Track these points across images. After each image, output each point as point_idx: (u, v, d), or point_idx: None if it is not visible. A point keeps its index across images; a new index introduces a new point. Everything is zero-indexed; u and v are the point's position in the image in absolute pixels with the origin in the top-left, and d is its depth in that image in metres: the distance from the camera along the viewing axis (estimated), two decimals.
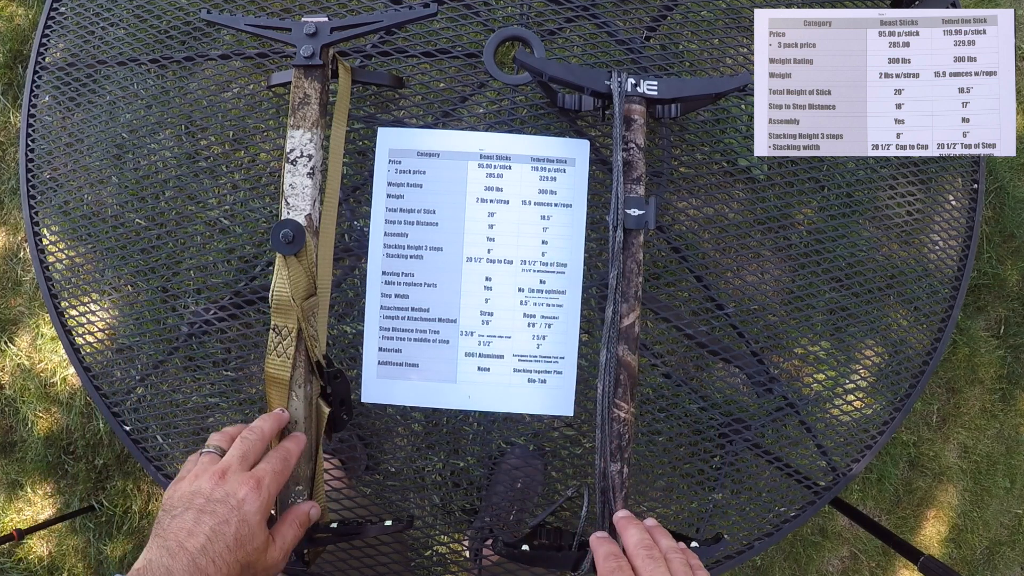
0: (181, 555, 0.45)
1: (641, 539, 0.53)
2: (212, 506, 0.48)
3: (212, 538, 0.46)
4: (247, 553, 0.48)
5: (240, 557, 0.47)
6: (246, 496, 0.49)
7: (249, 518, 0.48)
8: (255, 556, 0.49)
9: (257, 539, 0.49)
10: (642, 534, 0.54)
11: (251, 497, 0.49)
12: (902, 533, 1.45)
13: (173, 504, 0.48)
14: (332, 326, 0.77)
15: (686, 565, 0.51)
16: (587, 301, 0.73)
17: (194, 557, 0.45)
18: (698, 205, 0.81)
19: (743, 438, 0.78)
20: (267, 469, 0.51)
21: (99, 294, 0.81)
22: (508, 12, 0.82)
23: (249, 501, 0.49)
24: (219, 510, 0.47)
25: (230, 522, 0.47)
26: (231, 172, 0.83)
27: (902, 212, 0.82)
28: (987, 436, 1.50)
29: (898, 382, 0.80)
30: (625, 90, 0.65)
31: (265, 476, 0.51)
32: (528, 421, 0.81)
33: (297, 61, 0.63)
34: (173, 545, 0.45)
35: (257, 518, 0.49)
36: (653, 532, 0.55)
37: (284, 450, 0.54)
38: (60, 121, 0.83)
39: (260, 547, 0.49)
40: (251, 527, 0.48)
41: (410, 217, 0.72)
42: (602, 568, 0.52)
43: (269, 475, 0.51)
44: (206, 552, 0.45)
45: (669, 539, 0.55)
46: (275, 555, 0.51)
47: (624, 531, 0.55)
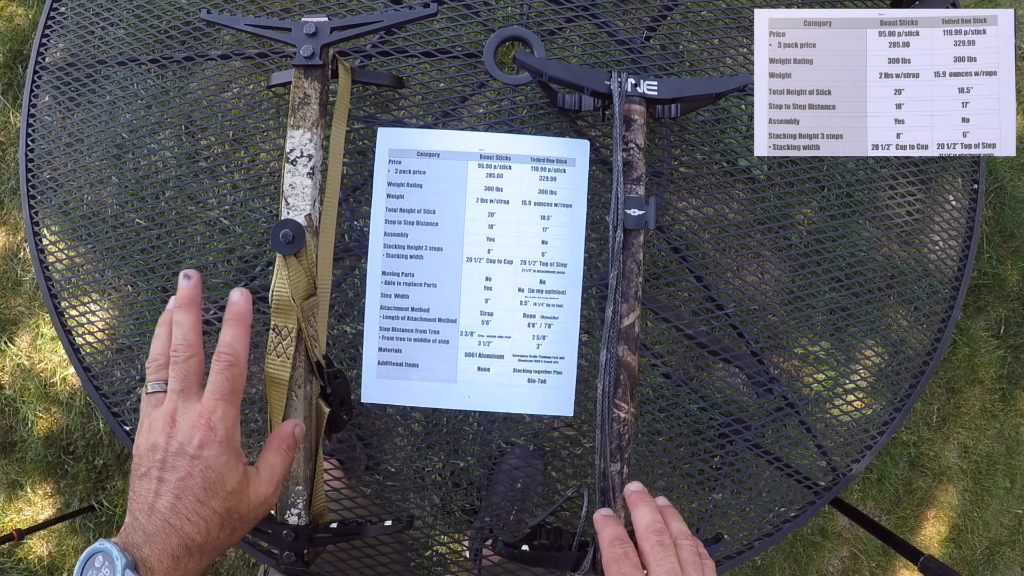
0: (153, 517, 0.43)
1: (652, 521, 0.50)
2: (172, 460, 0.45)
3: (180, 495, 0.44)
4: (222, 499, 0.45)
5: (216, 506, 0.45)
6: (202, 440, 0.45)
7: (212, 462, 0.45)
8: (233, 501, 0.46)
9: (229, 481, 0.45)
10: (654, 515, 0.51)
11: (207, 439, 0.45)
12: (902, 533, 1.45)
13: (139, 463, 0.46)
14: (332, 326, 0.77)
15: (696, 555, 0.48)
16: (587, 301, 0.73)
17: (166, 517, 0.43)
18: (698, 205, 0.81)
19: (743, 438, 0.78)
20: (213, 399, 0.46)
21: (99, 294, 0.81)
22: (508, 12, 0.82)
23: (207, 445, 0.45)
24: (179, 463, 0.44)
25: (193, 475, 0.44)
26: (231, 172, 0.83)
27: (902, 212, 0.82)
28: (987, 436, 1.50)
29: (898, 382, 0.80)
30: (625, 90, 0.65)
31: (215, 408, 0.46)
32: (528, 421, 0.81)
33: (297, 61, 0.63)
34: (144, 507, 0.44)
35: (221, 460, 0.45)
36: (665, 513, 0.52)
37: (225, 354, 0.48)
38: (60, 121, 0.83)
39: (237, 488, 0.46)
40: (217, 471, 0.45)
41: (410, 217, 0.72)
42: (607, 553, 0.49)
43: (219, 405, 0.46)
44: (176, 511, 0.43)
45: (681, 523, 0.51)
46: (262, 489, 0.48)
47: (635, 508, 0.52)
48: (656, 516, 0.51)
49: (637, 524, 0.51)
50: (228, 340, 0.49)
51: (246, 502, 0.47)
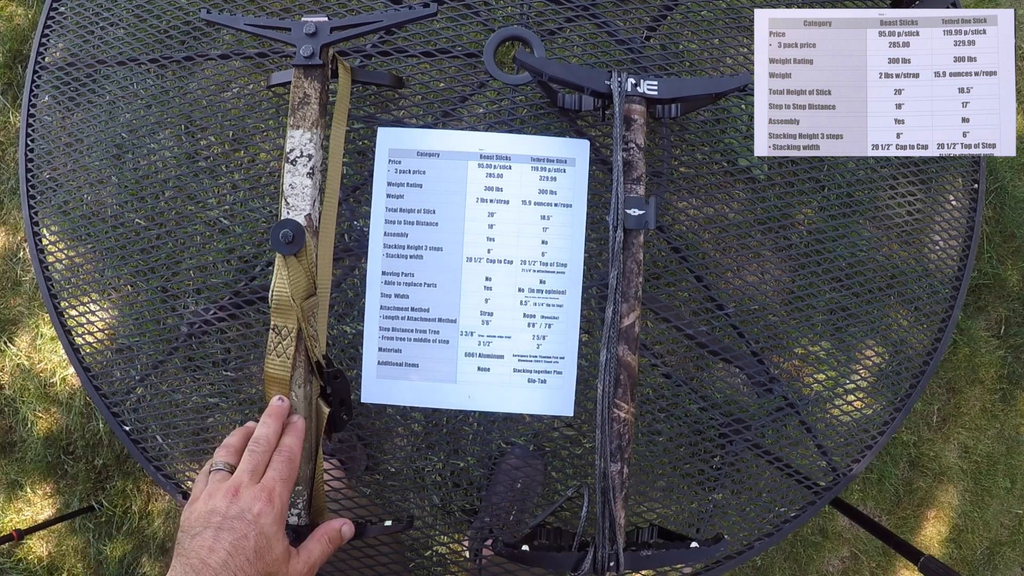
0: (204, 571, 0.46)
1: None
2: (229, 523, 0.49)
3: (232, 553, 0.48)
4: (267, 564, 0.49)
5: (260, 568, 0.49)
6: (261, 510, 0.50)
7: (266, 530, 0.50)
8: (275, 567, 0.50)
9: (275, 549, 0.50)
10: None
11: (266, 510, 0.50)
12: (902, 533, 1.45)
13: (191, 524, 0.50)
14: (332, 326, 0.77)
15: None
16: (587, 301, 0.73)
17: (216, 572, 0.47)
18: (698, 205, 0.81)
19: (743, 438, 0.78)
20: (275, 478, 0.53)
21: (99, 294, 0.81)
22: (508, 12, 0.82)
23: (264, 514, 0.50)
24: (236, 526, 0.49)
25: (248, 536, 0.49)
26: (231, 172, 0.83)
27: (902, 212, 0.81)
28: (987, 436, 1.50)
29: (898, 382, 0.80)
30: (625, 90, 0.65)
31: (275, 486, 0.52)
32: (528, 421, 0.80)
33: (297, 61, 0.63)
34: (196, 562, 0.47)
35: (274, 529, 0.50)
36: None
37: (287, 451, 0.55)
38: (60, 121, 0.83)
39: (280, 557, 0.50)
40: (268, 538, 0.50)
41: (410, 217, 0.72)
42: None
43: (279, 484, 0.53)
44: (227, 566, 0.47)
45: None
46: (299, 568, 0.52)
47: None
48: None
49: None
50: (288, 444, 0.56)
51: (284, 573, 0.51)
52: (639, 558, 0.61)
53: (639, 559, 0.61)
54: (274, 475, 0.53)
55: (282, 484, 0.53)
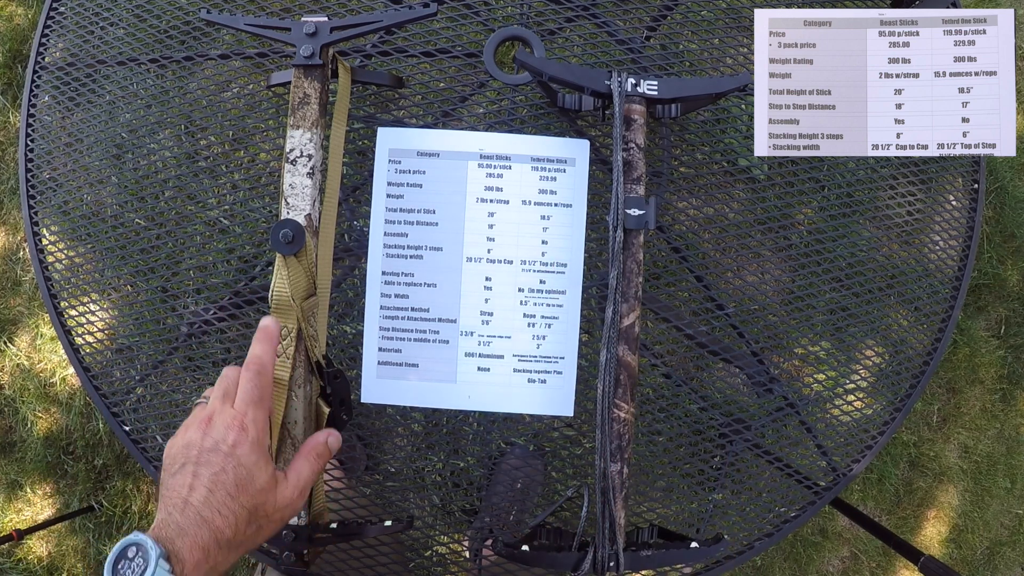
0: (187, 510, 0.45)
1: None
2: (206, 456, 0.47)
3: (213, 489, 0.46)
4: (251, 496, 0.47)
5: (245, 502, 0.47)
6: (235, 440, 0.48)
7: (244, 460, 0.47)
8: (261, 498, 0.48)
9: (258, 479, 0.48)
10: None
11: (240, 439, 0.48)
12: (902, 533, 1.45)
13: (171, 461, 0.48)
14: (332, 326, 0.76)
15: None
16: (587, 301, 0.73)
17: (199, 511, 0.45)
18: (698, 205, 0.81)
19: (743, 438, 0.78)
20: (244, 401, 0.50)
21: (99, 294, 0.81)
22: (508, 12, 0.82)
23: (239, 444, 0.48)
24: (213, 459, 0.47)
25: (227, 470, 0.47)
26: (231, 172, 0.83)
27: (902, 212, 0.81)
28: (987, 436, 1.50)
29: (898, 382, 0.80)
30: (625, 90, 0.65)
31: (246, 410, 0.49)
32: (528, 421, 0.80)
33: (297, 61, 0.63)
34: (178, 502, 0.45)
35: (252, 458, 0.48)
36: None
37: (254, 364, 0.51)
38: (60, 121, 0.83)
39: (264, 487, 0.48)
40: (248, 469, 0.47)
41: (410, 217, 0.72)
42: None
43: (249, 408, 0.49)
44: (209, 504, 0.45)
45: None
46: (287, 493, 0.50)
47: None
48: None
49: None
50: (256, 353, 0.52)
51: (272, 502, 0.48)
52: (639, 558, 0.61)
53: (639, 559, 0.61)
54: (242, 397, 0.50)
55: (253, 407, 0.49)
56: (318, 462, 0.53)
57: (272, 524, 0.49)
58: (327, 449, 0.54)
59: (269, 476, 0.49)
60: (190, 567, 0.43)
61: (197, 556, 0.44)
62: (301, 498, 0.51)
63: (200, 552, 0.44)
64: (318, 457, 0.53)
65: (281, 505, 0.49)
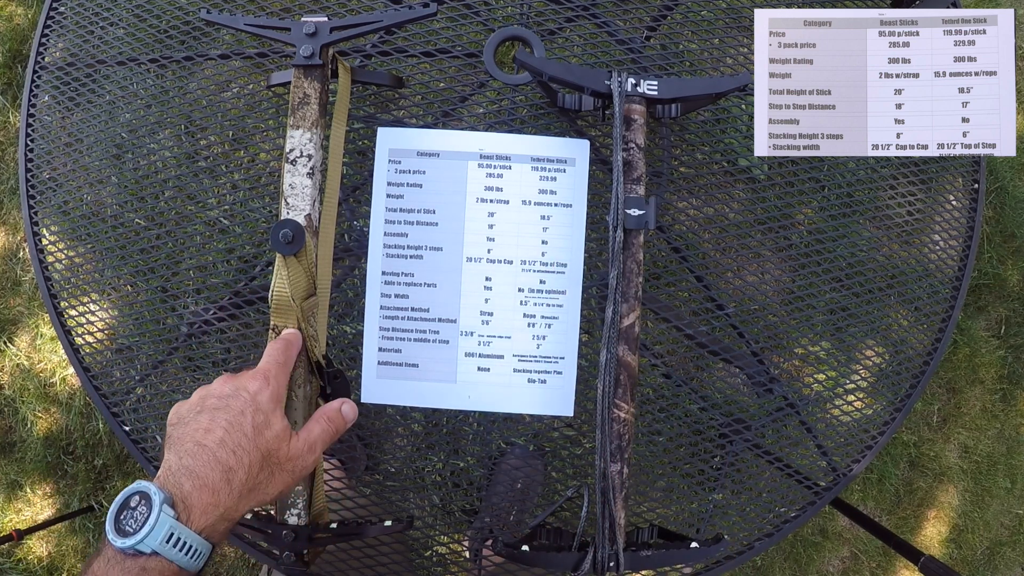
0: (200, 453, 0.44)
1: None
2: (225, 402, 0.47)
3: (229, 430, 0.46)
4: (267, 441, 0.47)
5: (260, 444, 0.46)
6: (258, 388, 0.48)
7: (263, 406, 0.48)
8: (275, 444, 0.48)
9: (274, 426, 0.48)
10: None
11: (262, 388, 0.49)
12: (903, 533, 1.45)
13: (181, 416, 0.48)
14: (332, 326, 0.76)
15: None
16: (587, 301, 0.73)
17: (214, 451, 0.44)
18: (698, 205, 0.81)
19: (743, 438, 0.78)
20: (270, 362, 0.51)
21: (98, 294, 0.81)
22: (508, 12, 0.82)
23: (261, 391, 0.48)
24: (232, 404, 0.47)
25: (245, 413, 0.47)
26: (231, 172, 0.83)
27: (903, 212, 0.81)
28: (988, 436, 1.50)
29: (899, 382, 0.80)
30: (625, 90, 0.65)
31: (271, 368, 0.50)
32: (528, 421, 0.80)
33: (297, 61, 0.63)
34: (191, 446, 0.45)
35: (271, 406, 0.48)
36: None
37: (282, 341, 0.54)
38: (59, 121, 0.83)
39: (279, 435, 0.48)
40: (266, 415, 0.48)
41: (410, 217, 0.72)
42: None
43: (274, 367, 0.51)
44: (225, 444, 0.45)
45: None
46: (299, 446, 0.50)
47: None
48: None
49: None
50: (285, 335, 0.55)
51: (285, 451, 0.49)
52: (639, 558, 0.61)
53: (639, 559, 0.61)
54: (268, 359, 0.51)
55: (277, 367, 0.51)
56: (330, 426, 0.53)
57: (283, 474, 0.49)
58: (340, 416, 0.54)
59: (284, 427, 0.49)
60: (198, 511, 0.43)
61: (206, 499, 0.43)
62: (311, 455, 0.51)
63: (210, 495, 0.43)
64: (329, 421, 0.53)
65: (293, 455, 0.49)
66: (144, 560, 0.41)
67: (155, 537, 0.41)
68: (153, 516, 0.40)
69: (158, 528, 0.41)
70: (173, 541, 0.41)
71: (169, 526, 0.41)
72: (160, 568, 0.41)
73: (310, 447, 0.51)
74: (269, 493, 0.48)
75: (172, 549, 0.41)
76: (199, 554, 0.43)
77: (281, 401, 0.50)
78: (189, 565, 0.42)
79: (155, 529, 0.41)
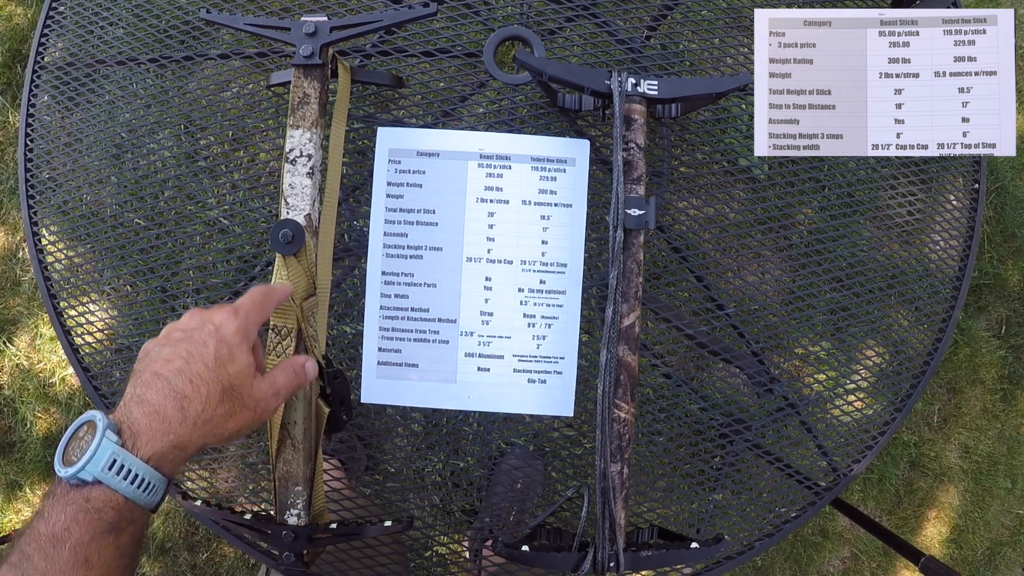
0: (155, 382, 0.42)
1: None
2: (189, 334, 0.45)
3: (189, 360, 0.44)
4: (229, 375, 0.45)
5: (221, 376, 0.44)
6: (223, 320, 0.46)
7: (228, 338, 0.45)
8: (238, 380, 0.45)
9: (239, 360, 0.45)
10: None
11: (228, 320, 0.46)
12: (903, 534, 1.45)
13: (147, 351, 0.46)
14: (332, 326, 0.76)
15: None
16: (587, 301, 0.73)
17: (169, 380, 0.42)
18: (698, 205, 0.81)
19: (744, 438, 0.78)
20: (245, 300, 0.49)
21: (98, 294, 0.81)
22: (508, 11, 0.82)
23: (226, 324, 0.46)
24: (196, 336, 0.45)
25: (208, 344, 0.44)
26: (230, 172, 0.83)
27: (903, 212, 0.81)
28: (988, 436, 1.50)
29: (899, 382, 0.80)
30: (625, 90, 0.65)
31: (243, 304, 0.48)
32: (528, 421, 0.80)
33: (296, 61, 0.63)
34: (148, 376, 0.43)
35: (236, 339, 0.46)
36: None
37: (264, 286, 0.51)
38: (59, 121, 0.83)
39: (243, 371, 0.46)
40: (231, 347, 0.45)
41: (410, 217, 0.72)
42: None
43: (247, 303, 0.48)
44: (182, 373, 0.43)
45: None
46: (263, 388, 0.47)
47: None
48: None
49: None
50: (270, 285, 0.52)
51: (248, 389, 0.46)
52: (639, 558, 0.60)
53: (639, 559, 0.61)
54: (244, 299, 0.49)
55: (251, 304, 0.48)
56: (294, 378, 0.51)
57: (245, 412, 0.46)
58: (303, 370, 0.52)
59: (249, 363, 0.46)
60: (145, 438, 0.41)
61: (156, 425, 0.41)
62: (275, 400, 0.49)
63: (160, 422, 0.41)
64: (295, 374, 0.51)
65: (256, 396, 0.47)
66: (88, 490, 0.39)
67: (96, 463, 0.38)
68: (95, 442, 0.39)
69: (100, 453, 0.39)
70: (116, 468, 0.39)
71: (112, 452, 0.39)
72: (104, 498, 0.39)
73: (275, 392, 0.48)
74: (227, 428, 0.45)
75: (115, 477, 0.39)
76: (149, 486, 0.41)
77: (249, 338, 0.47)
78: (138, 497, 0.40)
79: (96, 455, 0.38)
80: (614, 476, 0.60)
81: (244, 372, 0.46)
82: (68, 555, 0.37)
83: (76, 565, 0.37)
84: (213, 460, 0.80)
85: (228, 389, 0.45)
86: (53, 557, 0.37)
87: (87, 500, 0.39)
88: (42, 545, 0.37)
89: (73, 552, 0.37)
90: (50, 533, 0.38)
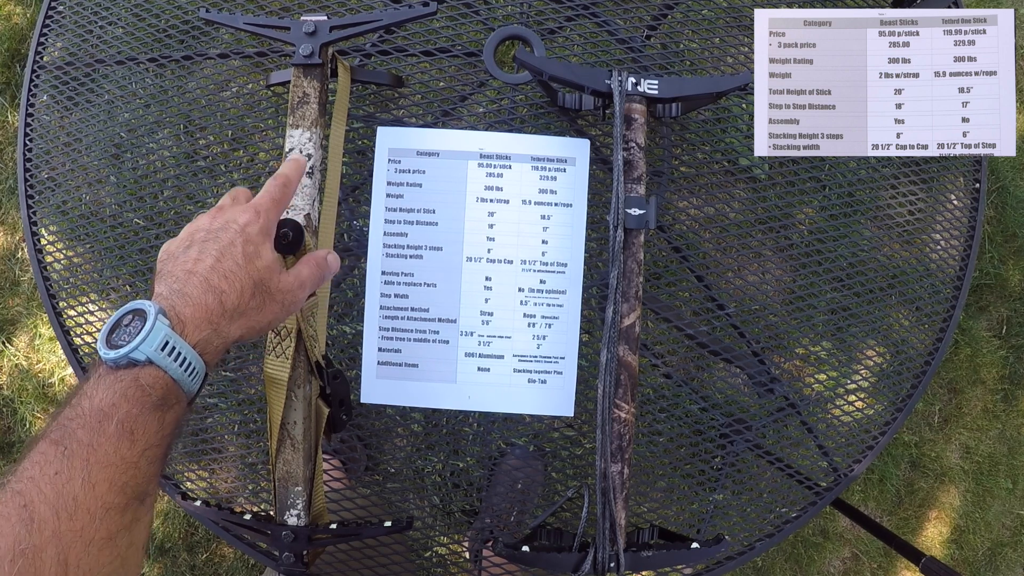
0: (191, 279, 0.43)
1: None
2: (215, 234, 0.46)
3: (220, 258, 0.45)
4: (258, 270, 0.46)
5: (251, 272, 0.46)
6: (248, 220, 0.47)
7: (253, 237, 0.47)
8: (267, 274, 0.47)
9: (264, 256, 0.47)
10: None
11: (252, 220, 0.47)
12: (904, 534, 1.44)
13: (171, 252, 0.46)
14: (332, 326, 0.76)
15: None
16: (587, 301, 0.73)
17: (205, 276, 0.44)
18: (699, 204, 0.81)
19: (744, 439, 0.77)
20: (264, 197, 0.50)
21: (97, 294, 0.81)
22: (508, 11, 0.82)
23: (251, 224, 0.47)
24: (222, 236, 0.46)
25: (235, 243, 0.46)
26: (230, 172, 0.83)
27: (904, 212, 0.81)
28: (989, 437, 1.50)
29: (900, 382, 0.80)
30: (626, 89, 0.65)
31: (263, 202, 0.49)
32: (528, 421, 0.80)
33: (296, 60, 0.63)
34: (181, 274, 0.44)
35: (260, 237, 0.47)
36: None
37: (281, 176, 0.52)
38: (58, 120, 0.83)
39: (270, 265, 0.47)
40: (256, 246, 0.47)
41: (410, 217, 0.72)
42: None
43: (267, 202, 0.49)
44: (216, 270, 0.44)
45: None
46: (290, 280, 0.49)
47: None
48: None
49: None
50: (284, 171, 0.52)
51: (275, 283, 0.48)
52: (640, 559, 0.60)
53: (640, 560, 0.60)
54: (262, 195, 0.50)
55: (271, 202, 0.49)
56: (318, 270, 0.52)
57: (274, 304, 0.48)
58: (326, 262, 0.53)
59: (275, 258, 0.48)
60: (192, 325, 0.42)
61: (199, 315, 0.42)
62: (301, 291, 0.50)
63: (203, 311, 0.42)
64: (317, 266, 0.52)
65: (284, 288, 0.48)
66: (138, 371, 0.39)
67: (150, 343, 0.39)
68: (149, 324, 0.39)
69: (153, 335, 0.39)
70: (168, 350, 0.40)
71: (164, 334, 0.39)
72: (155, 379, 0.39)
73: (300, 283, 0.50)
74: (260, 321, 0.47)
75: (167, 359, 0.40)
76: (195, 371, 0.42)
77: (270, 235, 0.49)
78: (185, 381, 0.41)
79: (151, 335, 0.39)
80: (614, 476, 0.60)
81: (271, 267, 0.47)
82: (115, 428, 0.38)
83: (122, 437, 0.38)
84: (213, 460, 0.80)
85: (258, 283, 0.46)
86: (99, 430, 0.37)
87: (136, 380, 0.39)
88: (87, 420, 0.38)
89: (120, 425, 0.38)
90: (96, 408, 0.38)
